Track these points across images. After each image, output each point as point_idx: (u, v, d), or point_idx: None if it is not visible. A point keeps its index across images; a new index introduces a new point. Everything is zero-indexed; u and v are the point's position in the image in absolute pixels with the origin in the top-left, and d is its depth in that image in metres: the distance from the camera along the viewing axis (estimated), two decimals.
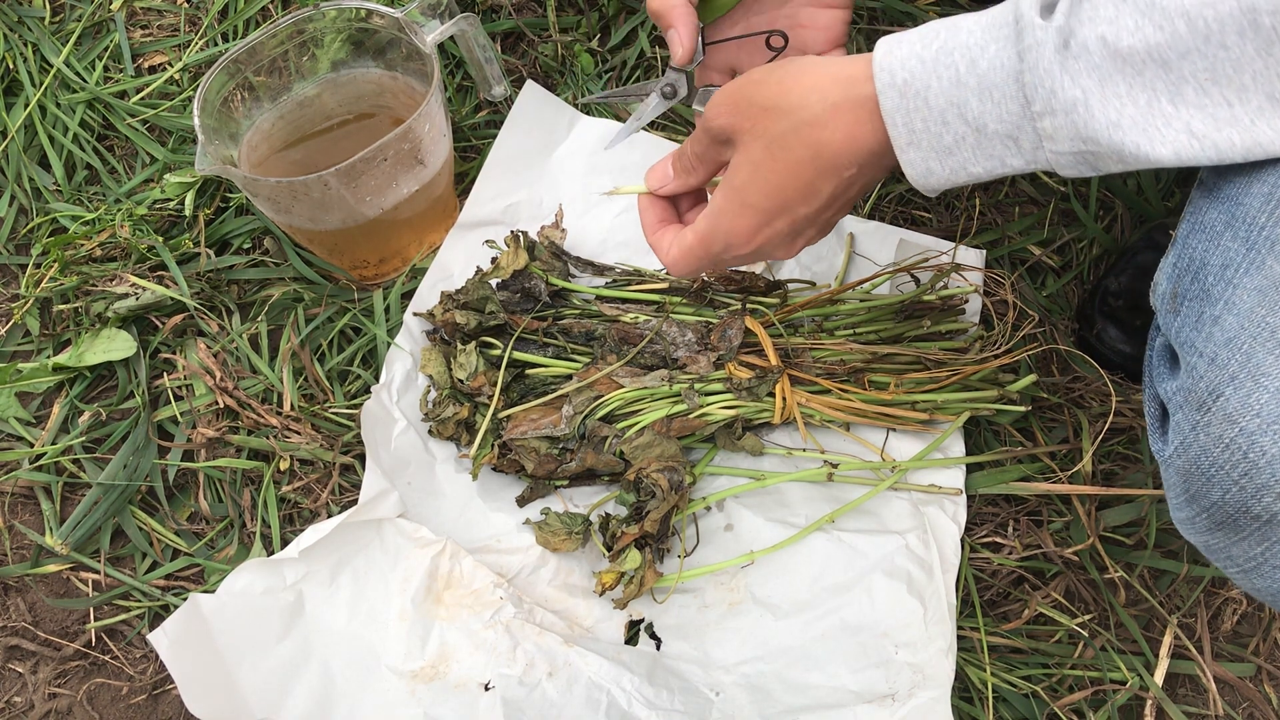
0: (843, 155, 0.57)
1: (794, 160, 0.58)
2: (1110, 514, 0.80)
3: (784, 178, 0.59)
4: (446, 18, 0.86)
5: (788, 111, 0.57)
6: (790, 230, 0.61)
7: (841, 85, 0.56)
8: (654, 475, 0.77)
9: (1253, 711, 0.76)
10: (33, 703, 0.79)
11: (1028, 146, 0.51)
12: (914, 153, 0.53)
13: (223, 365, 0.87)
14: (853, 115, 0.55)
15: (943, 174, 0.53)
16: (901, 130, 0.53)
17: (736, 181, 0.60)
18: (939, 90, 0.51)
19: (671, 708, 0.73)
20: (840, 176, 0.58)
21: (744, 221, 0.61)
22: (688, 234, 0.64)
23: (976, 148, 0.52)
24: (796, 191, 0.59)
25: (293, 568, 0.75)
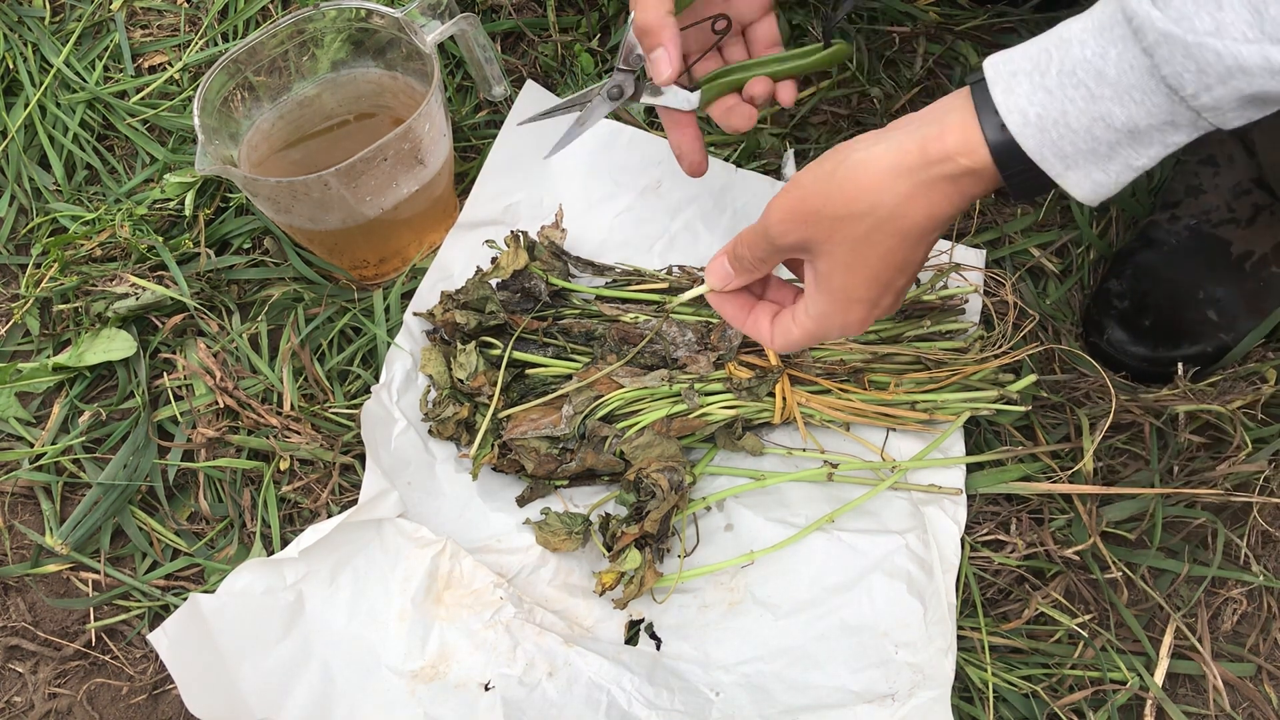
0: (927, 228, 0.58)
1: (884, 250, 0.59)
2: (1112, 509, 0.80)
3: (879, 267, 0.60)
4: (446, 18, 0.86)
5: (862, 216, 0.58)
6: (894, 300, 0.63)
7: (905, 176, 0.57)
8: (654, 475, 0.77)
9: (1253, 711, 0.76)
10: (33, 703, 0.79)
11: (1186, 123, 0.50)
12: (1075, 175, 0.53)
13: (223, 365, 0.87)
14: (926, 198, 0.57)
15: (1109, 180, 0.53)
16: (1054, 162, 0.52)
17: (834, 285, 0.62)
18: (1076, 112, 0.51)
19: (671, 708, 0.73)
20: (927, 243, 0.60)
21: (855, 314, 0.63)
22: (793, 329, 0.66)
23: (1134, 144, 0.51)
24: (894, 270, 0.60)
25: (293, 568, 0.75)
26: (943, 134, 0.55)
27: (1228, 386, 0.83)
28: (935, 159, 0.55)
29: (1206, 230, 0.87)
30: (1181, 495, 0.81)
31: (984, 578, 0.79)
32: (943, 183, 0.56)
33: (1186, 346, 0.84)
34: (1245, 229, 0.86)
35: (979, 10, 1.03)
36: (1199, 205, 0.87)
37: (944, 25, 1.02)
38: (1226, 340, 0.85)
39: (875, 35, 1.03)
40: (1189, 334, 0.85)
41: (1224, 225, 0.86)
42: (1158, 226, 0.88)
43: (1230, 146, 0.88)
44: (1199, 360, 0.84)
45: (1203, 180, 0.88)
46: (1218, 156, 0.89)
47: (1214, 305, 0.85)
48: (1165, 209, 0.89)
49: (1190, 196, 0.88)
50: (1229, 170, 0.88)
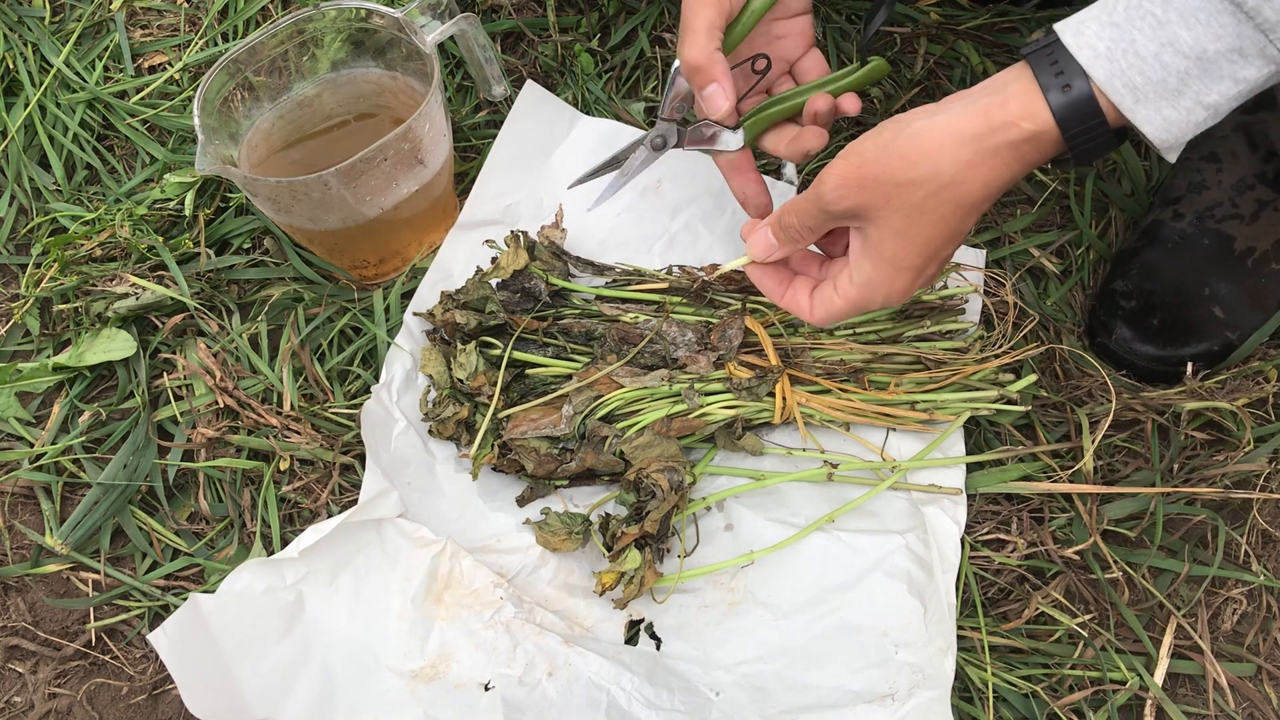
0: (982, 196, 0.59)
1: (938, 218, 0.60)
2: (1112, 507, 0.80)
3: (931, 235, 0.61)
4: (446, 18, 0.86)
5: (922, 182, 0.59)
6: (938, 269, 0.64)
7: (969, 143, 0.57)
8: (654, 475, 0.77)
9: (1253, 711, 0.76)
10: (33, 703, 0.79)
11: (1254, 50, 0.50)
12: (1145, 109, 0.53)
13: (223, 365, 0.87)
14: (987, 166, 0.57)
15: (1180, 118, 0.53)
16: (1124, 93, 0.53)
17: (886, 253, 0.62)
18: (1144, 40, 0.51)
19: (671, 708, 0.73)
20: (978, 213, 0.60)
21: (901, 281, 0.63)
22: (835, 299, 0.66)
23: (1204, 76, 0.51)
24: (944, 239, 0.61)
25: (293, 568, 0.75)
26: (1005, 101, 0.56)
27: (1234, 385, 0.83)
28: (998, 125, 0.56)
29: (1210, 226, 0.87)
30: (1182, 493, 0.80)
31: (984, 577, 0.79)
32: (1004, 150, 0.56)
33: (1194, 344, 0.84)
34: (1248, 225, 0.86)
35: (980, 10, 1.03)
36: (1202, 201, 0.87)
37: (945, 25, 1.02)
38: (1232, 338, 0.85)
39: (876, 36, 1.03)
40: (1196, 332, 0.85)
41: (1227, 221, 0.86)
42: (1161, 224, 0.88)
43: (1233, 142, 0.88)
44: (1206, 358, 0.84)
45: (1205, 176, 0.88)
46: (1220, 153, 0.89)
47: (1219, 302, 0.85)
48: (1167, 205, 0.89)
49: (1193, 192, 0.88)
50: (1232, 166, 0.88)
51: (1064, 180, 0.95)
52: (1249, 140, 0.87)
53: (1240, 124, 0.88)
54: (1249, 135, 0.88)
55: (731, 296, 0.86)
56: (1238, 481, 0.82)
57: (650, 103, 1.01)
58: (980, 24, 1.03)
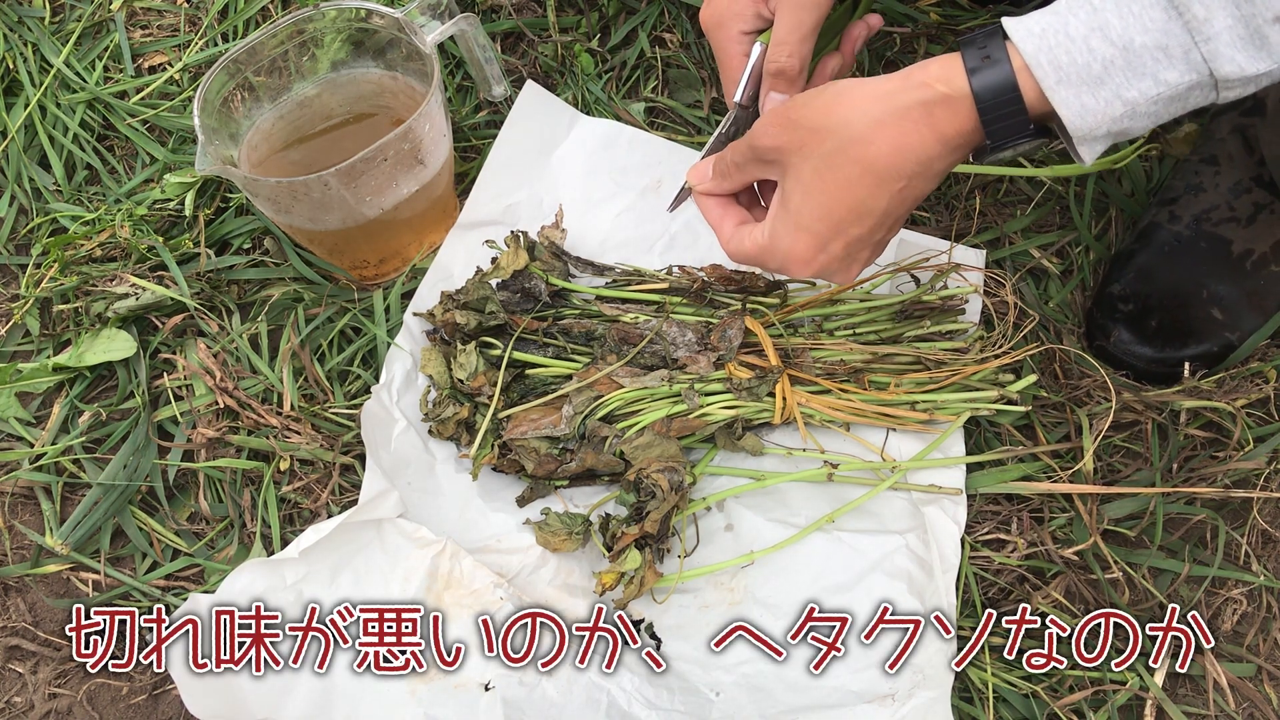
0: (891, 168, 0.58)
1: (843, 179, 0.59)
2: (1112, 507, 0.80)
3: (834, 198, 0.60)
4: (446, 18, 0.86)
5: (832, 131, 0.58)
6: (845, 253, 0.63)
7: (882, 100, 0.57)
8: (654, 475, 0.77)
9: (1253, 711, 0.76)
10: (33, 703, 0.79)
11: (1179, 52, 0.51)
12: (1065, 91, 0.53)
13: (223, 365, 0.87)
14: (897, 126, 0.57)
15: (1098, 109, 0.53)
16: (1048, 70, 0.53)
17: (791, 205, 0.62)
18: (1077, 24, 0.52)
19: (671, 708, 0.73)
20: (891, 190, 0.59)
21: (800, 245, 0.63)
22: (746, 241, 0.66)
23: (1127, 69, 0.52)
24: (849, 210, 0.60)
25: (293, 568, 0.75)
26: (925, 66, 0.57)
27: (1233, 385, 0.83)
28: (914, 84, 0.57)
29: (1207, 229, 0.87)
30: (1181, 493, 0.81)
31: (984, 577, 0.79)
32: (915, 110, 0.56)
33: (1193, 346, 0.84)
34: (1245, 228, 0.86)
35: (980, 11, 1.03)
36: (1199, 204, 0.87)
37: (945, 26, 1.02)
38: (1232, 339, 0.85)
39: (876, 36, 1.03)
40: (1195, 333, 0.85)
41: (1224, 224, 0.86)
42: (1158, 227, 0.88)
43: (1231, 145, 0.88)
44: (1205, 359, 0.84)
45: (1203, 179, 0.88)
46: (1218, 155, 0.89)
47: (1218, 304, 0.85)
48: (1164, 206, 0.89)
49: (1190, 194, 0.88)
50: (1229, 169, 0.88)
51: (1064, 180, 0.95)
52: (1245, 143, 0.87)
53: (1237, 126, 0.88)
54: (1245, 138, 0.88)
55: (731, 297, 0.86)
56: (1237, 481, 0.82)
57: (650, 102, 1.01)
58: (980, 24, 1.03)
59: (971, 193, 0.96)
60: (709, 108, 1.00)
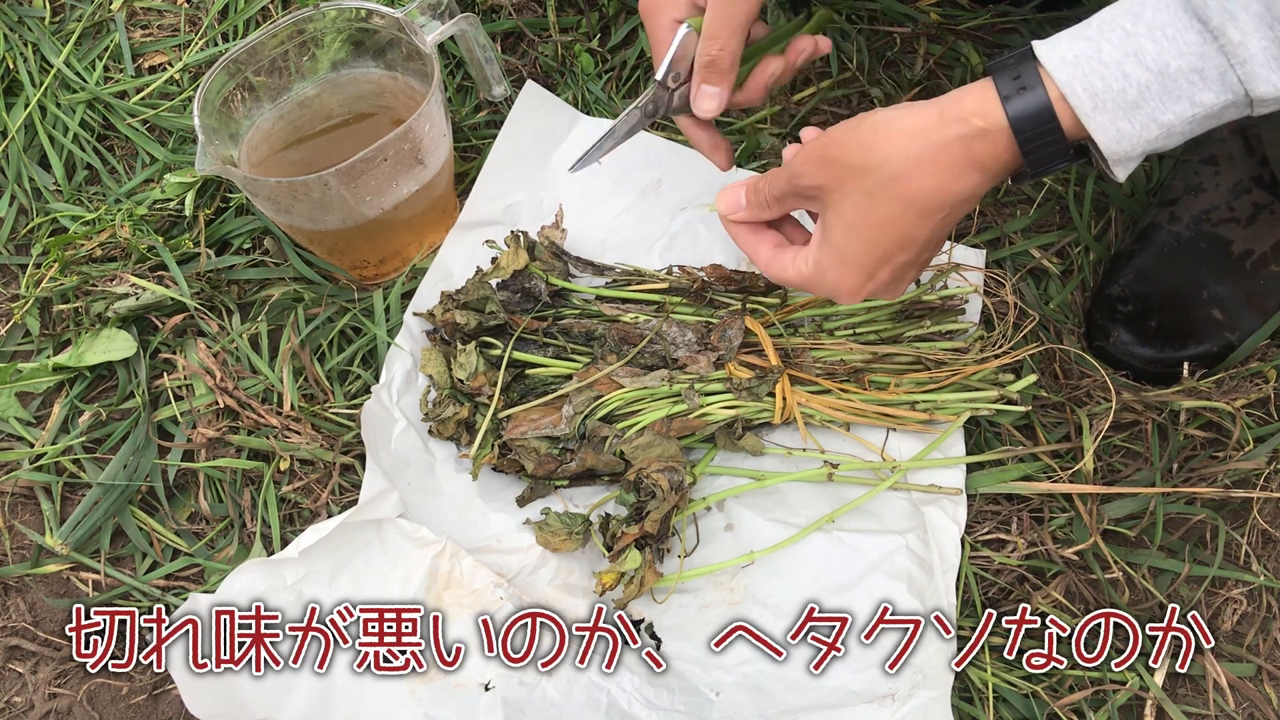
0: (933, 201, 0.58)
1: (885, 215, 0.60)
2: (1112, 507, 0.80)
3: (878, 232, 0.60)
4: (446, 18, 0.86)
5: (871, 169, 0.59)
6: (893, 278, 0.63)
7: (919, 136, 0.58)
8: (654, 475, 0.77)
9: (1253, 711, 0.76)
10: (33, 703, 0.79)
11: (1214, 74, 0.51)
12: (1101, 117, 0.53)
13: (223, 365, 0.87)
14: (934, 164, 0.57)
15: (1134, 133, 0.53)
16: (1084, 98, 0.53)
17: (834, 240, 0.62)
18: (1110, 49, 0.52)
19: (671, 708, 0.73)
20: (934, 220, 0.59)
21: (847, 278, 0.63)
22: (789, 268, 0.67)
23: (1163, 93, 0.52)
24: (894, 243, 0.61)
25: (293, 568, 0.75)
26: (961, 99, 0.57)
27: (1233, 385, 0.83)
28: (950, 119, 0.57)
29: (1207, 229, 0.87)
30: (1181, 493, 0.81)
31: (984, 577, 0.79)
32: (954, 145, 0.57)
33: (1193, 346, 0.84)
34: (1245, 228, 0.86)
35: (980, 10, 1.03)
36: (1199, 204, 0.87)
37: (945, 26, 1.02)
38: (1232, 339, 0.85)
39: (875, 36, 1.03)
40: (1195, 334, 0.85)
41: (1224, 224, 0.86)
42: (1158, 227, 0.88)
43: (1231, 145, 0.88)
44: (1205, 360, 0.84)
45: (1203, 179, 0.88)
46: (1218, 156, 0.89)
47: (1218, 304, 0.85)
48: (1163, 207, 0.89)
49: (1190, 194, 0.88)
50: (1229, 169, 0.88)
51: (1064, 181, 0.95)
52: (1246, 144, 0.87)
53: (1238, 127, 0.88)
54: (1246, 139, 0.88)
55: (731, 297, 0.86)
56: (1237, 481, 0.82)
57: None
58: (980, 24, 1.03)
59: None
60: None
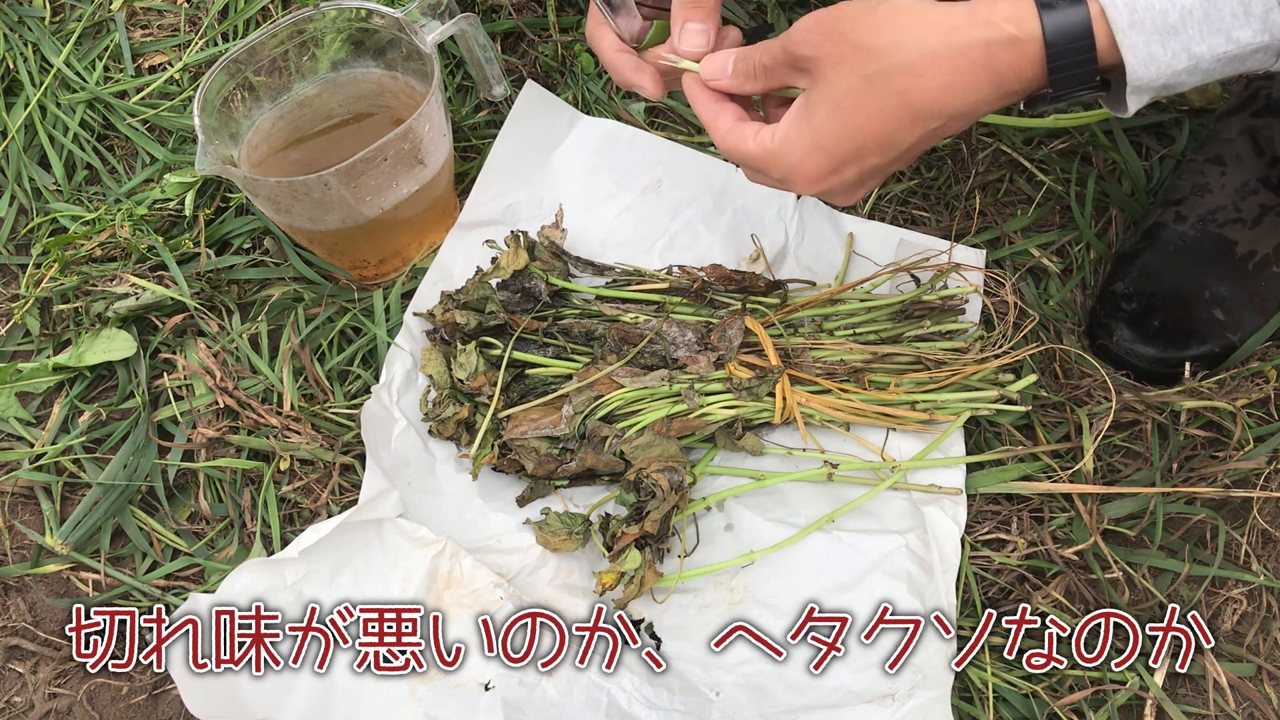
0: (933, 106, 0.54)
1: (878, 107, 0.55)
2: (1112, 506, 0.80)
3: (864, 124, 0.56)
4: (446, 18, 0.86)
5: (880, 53, 0.54)
6: (857, 179, 0.59)
7: (942, 32, 0.53)
8: (654, 475, 0.77)
9: (1253, 711, 0.76)
10: (33, 703, 0.79)
11: (1259, 10, 0.49)
12: (1136, 35, 0.51)
13: (223, 365, 0.87)
14: (952, 65, 0.53)
15: (1164, 60, 0.51)
16: (1123, 10, 0.51)
17: (814, 120, 0.57)
18: None
19: (671, 708, 0.73)
20: (925, 128, 0.55)
21: (812, 163, 0.58)
22: (750, 142, 0.61)
23: (1204, 21, 0.50)
24: (874, 141, 0.56)
25: (293, 568, 0.75)
26: (993, 2, 0.53)
27: (1234, 385, 0.83)
28: (980, 20, 0.53)
29: (1212, 230, 0.86)
30: (1181, 493, 0.80)
31: (984, 577, 0.79)
32: (977, 50, 0.53)
33: (1195, 346, 0.84)
34: (1250, 229, 0.86)
35: None
36: (1205, 204, 0.87)
37: None
38: (1233, 340, 0.85)
39: None
40: (1197, 334, 0.85)
41: (1230, 225, 0.86)
42: (1163, 227, 0.88)
43: (1239, 146, 0.88)
44: (1207, 360, 0.84)
45: (1209, 180, 0.88)
46: (1225, 156, 0.89)
47: (1220, 305, 0.85)
48: (1169, 207, 0.89)
49: (1196, 195, 0.88)
50: (1236, 170, 0.88)
51: (1064, 180, 0.95)
52: (1254, 144, 0.87)
53: (1247, 128, 0.88)
54: (1254, 139, 0.87)
55: (731, 297, 0.86)
56: (1237, 481, 0.82)
57: (651, 102, 1.01)
58: None
59: (971, 193, 0.96)
60: None
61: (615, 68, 0.69)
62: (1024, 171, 0.96)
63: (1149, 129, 0.98)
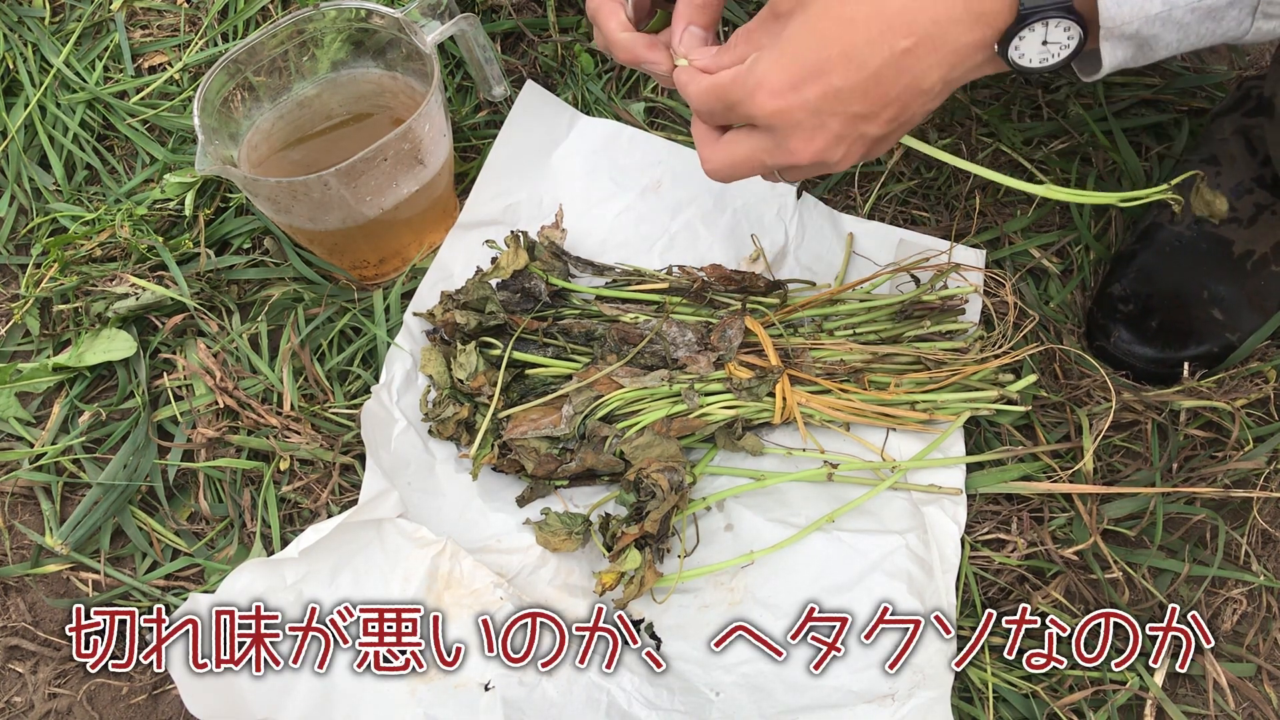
0: (902, 19, 0.53)
1: (847, 16, 0.54)
2: (1112, 506, 0.80)
3: (831, 34, 0.55)
4: (446, 18, 0.86)
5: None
6: (818, 102, 0.57)
7: None
8: (654, 475, 0.77)
9: (1253, 711, 0.76)
10: (33, 703, 0.79)
11: None
12: None
13: (223, 365, 0.87)
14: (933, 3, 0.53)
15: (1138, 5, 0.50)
16: None
17: (786, 32, 0.57)
18: None
19: (671, 708, 0.73)
20: (892, 45, 0.54)
21: (776, 74, 0.57)
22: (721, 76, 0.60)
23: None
24: (840, 53, 0.55)
25: (293, 568, 0.75)
26: None
27: (1233, 385, 0.84)
28: None
29: (1208, 230, 0.87)
30: (1181, 493, 0.81)
31: (984, 577, 0.79)
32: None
33: (1194, 346, 0.84)
34: (1246, 229, 0.86)
35: None
36: None
37: None
38: (1232, 340, 0.85)
39: None
40: (1196, 334, 0.85)
41: (1226, 225, 0.87)
42: (1159, 227, 0.88)
43: (1232, 146, 0.88)
44: (1205, 360, 0.84)
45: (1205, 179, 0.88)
46: (1219, 156, 0.89)
47: (1218, 304, 0.85)
48: (1165, 207, 0.89)
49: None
50: (1230, 170, 0.88)
51: (1064, 181, 0.95)
52: (1248, 144, 0.88)
53: (1240, 128, 0.88)
54: (1248, 139, 0.88)
55: (731, 296, 0.86)
56: (1237, 481, 0.82)
57: (651, 102, 1.01)
58: None
59: (971, 193, 0.96)
60: None
61: (626, 46, 0.67)
62: (1024, 172, 0.96)
63: (1149, 129, 0.98)
